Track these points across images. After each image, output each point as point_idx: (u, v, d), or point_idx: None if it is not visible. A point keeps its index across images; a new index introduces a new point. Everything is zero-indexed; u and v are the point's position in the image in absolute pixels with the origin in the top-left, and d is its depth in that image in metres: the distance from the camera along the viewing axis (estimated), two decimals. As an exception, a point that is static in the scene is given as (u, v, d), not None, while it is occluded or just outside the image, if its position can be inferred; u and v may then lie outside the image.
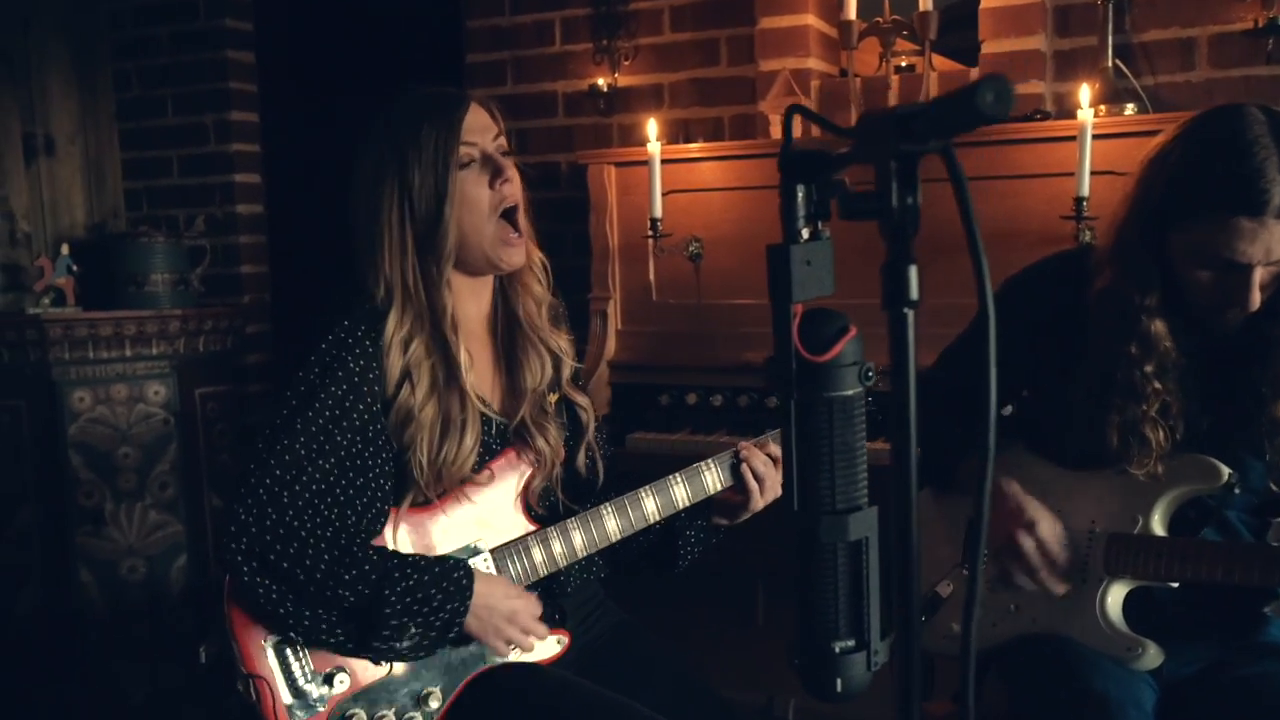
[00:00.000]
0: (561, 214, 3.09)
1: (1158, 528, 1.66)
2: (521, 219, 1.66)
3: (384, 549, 1.56)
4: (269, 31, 3.83)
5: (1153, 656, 1.65)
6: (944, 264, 2.42)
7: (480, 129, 1.63)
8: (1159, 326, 1.62)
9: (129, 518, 3.35)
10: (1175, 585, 1.67)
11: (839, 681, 1.00)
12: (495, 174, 1.61)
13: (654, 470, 1.75)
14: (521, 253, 1.66)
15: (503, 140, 1.67)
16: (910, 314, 0.83)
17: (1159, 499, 1.65)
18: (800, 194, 0.95)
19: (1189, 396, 1.64)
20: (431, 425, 1.59)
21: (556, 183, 3.24)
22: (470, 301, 1.69)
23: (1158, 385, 1.62)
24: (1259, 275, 1.54)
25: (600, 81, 3.16)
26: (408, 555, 1.55)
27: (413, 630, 1.51)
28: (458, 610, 1.52)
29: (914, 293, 0.82)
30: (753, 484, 1.72)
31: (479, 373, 1.68)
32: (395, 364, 1.57)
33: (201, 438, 3.48)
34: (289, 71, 3.83)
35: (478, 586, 1.55)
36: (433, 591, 1.51)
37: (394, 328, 1.58)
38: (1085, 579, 1.69)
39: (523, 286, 1.72)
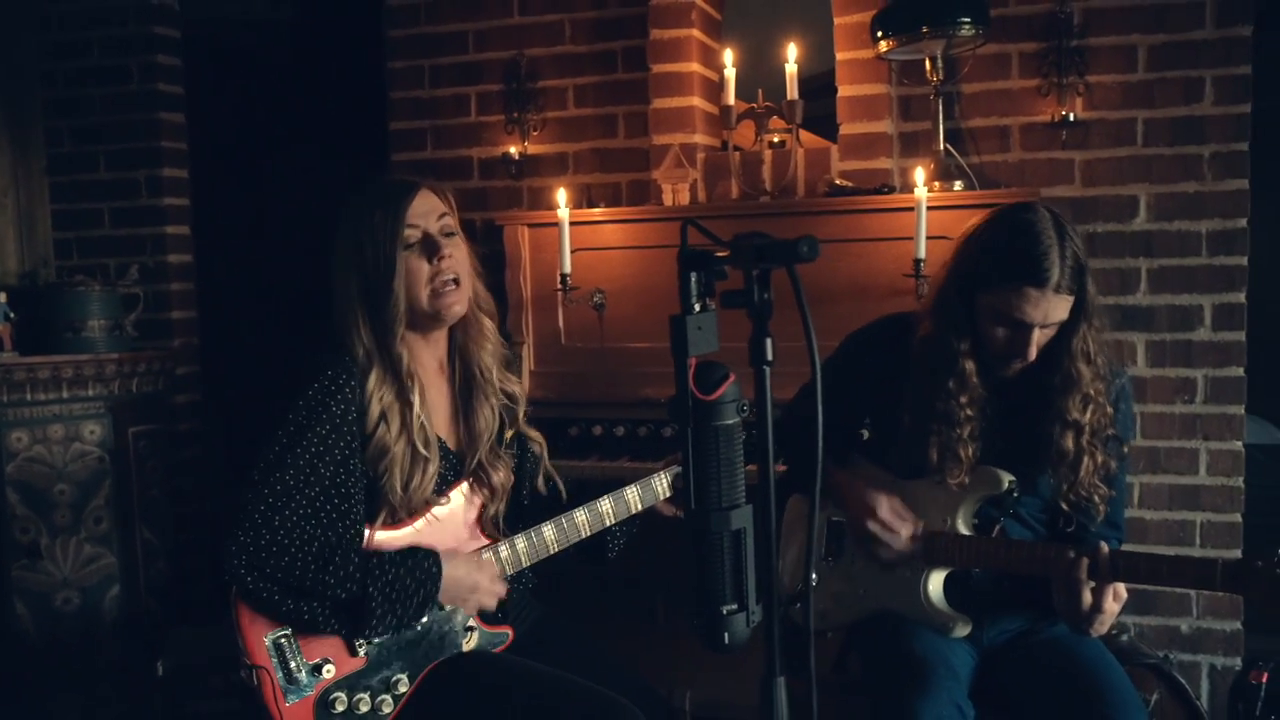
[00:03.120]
0: (483, 267, 3.45)
1: (962, 527, 2.08)
2: (465, 284, 1.96)
3: (365, 551, 1.86)
4: (199, 94, 4.09)
5: (961, 628, 2.07)
6: (810, 313, 2.89)
7: (425, 212, 1.92)
8: (970, 366, 2.05)
9: (64, 551, 3.48)
10: (978, 571, 2.11)
11: (726, 635, 1.34)
12: (433, 252, 1.90)
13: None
14: (461, 304, 1.95)
15: (448, 220, 1.95)
16: (768, 370, 1.24)
17: (961, 504, 2.08)
18: (693, 279, 1.34)
19: (989, 423, 2.08)
20: (402, 457, 1.89)
21: (473, 238, 3.58)
22: (426, 353, 2.00)
23: (969, 413, 2.05)
24: (1037, 335, 1.99)
25: (512, 149, 3.52)
26: (385, 553, 1.86)
27: (396, 611, 1.82)
28: (431, 593, 1.86)
29: (769, 356, 1.23)
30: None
31: (438, 414, 1.99)
32: (375, 408, 1.87)
33: (134, 474, 3.64)
34: (219, 132, 4.09)
35: (445, 570, 1.87)
36: (409, 582, 1.83)
37: (374, 380, 1.88)
38: (910, 567, 2.11)
39: (476, 344, 2.03)
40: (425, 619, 1.91)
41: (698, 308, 1.31)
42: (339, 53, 4.29)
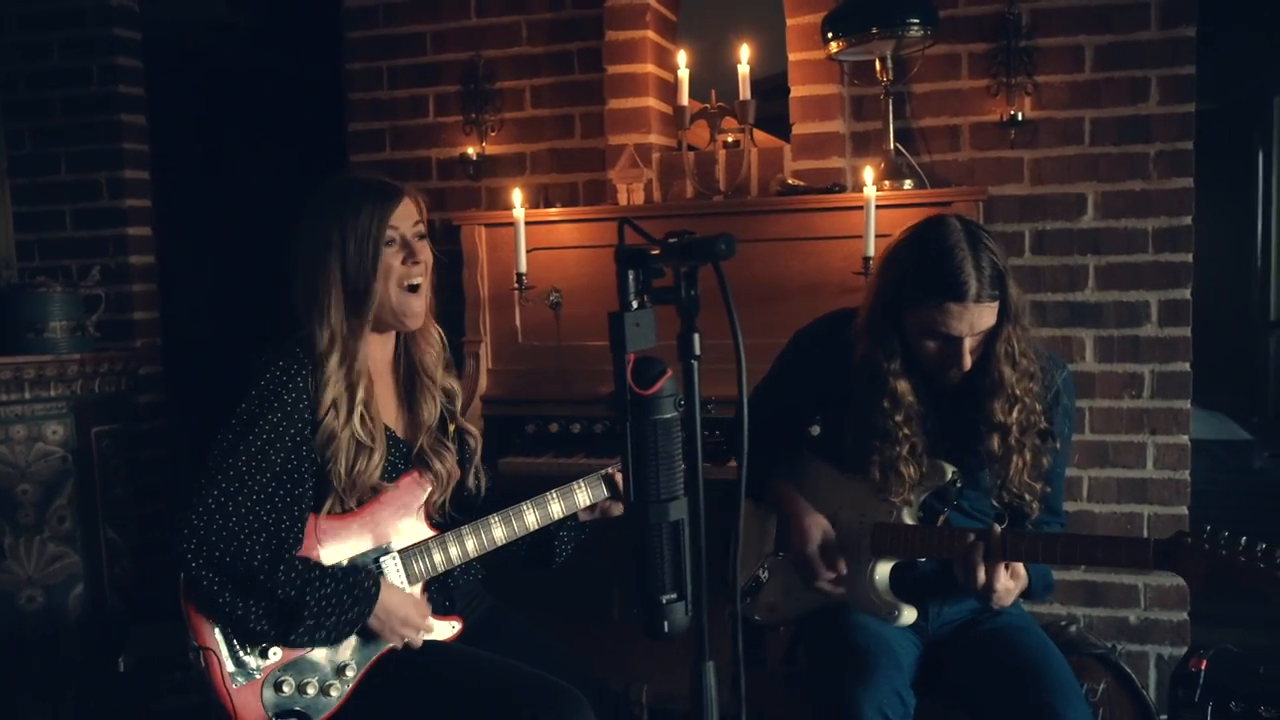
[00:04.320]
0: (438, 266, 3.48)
1: (907, 517, 2.12)
2: (425, 290, 2.04)
3: (308, 560, 1.89)
4: (160, 96, 4.10)
5: (907, 615, 2.11)
6: (763, 310, 2.94)
7: (404, 216, 2.01)
8: (903, 385, 2.09)
9: (28, 550, 3.48)
10: (923, 560, 2.16)
11: (665, 623, 1.38)
12: (408, 254, 2.00)
13: (523, 489, 2.14)
14: (420, 318, 2.04)
15: (421, 227, 2.05)
16: (695, 365, 1.27)
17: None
18: (631, 277, 1.37)
19: (929, 434, 2.12)
20: (348, 444, 1.95)
21: (432, 239, 3.60)
22: (378, 350, 2.07)
23: (906, 431, 2.09)
24: (968, 344, 2.04)
25: (470, 150, 3.55)
26: (328, 566, 1.90)
27: (326, 625, 1.86)
28: (363, 613, 1.89)
29: (697, 351, 1.26)
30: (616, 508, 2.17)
31: (385, 406, 2.06)
32: (328, 396, 1.93)
33: (97, 473, 3.64)
34: (180, 134, 4.10)
35: (381, 595, 1.91)
36: (345, 598, 1.87)
37: (331, 367, 1.94)
38: (858, 558, 2.15)
39: (422, 342, 2.11)
40: (357, 634, 1.94)
41: (635, 305, 1.35)
42: (298, 55, 4.31)
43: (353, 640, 1.95)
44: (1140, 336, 3.08)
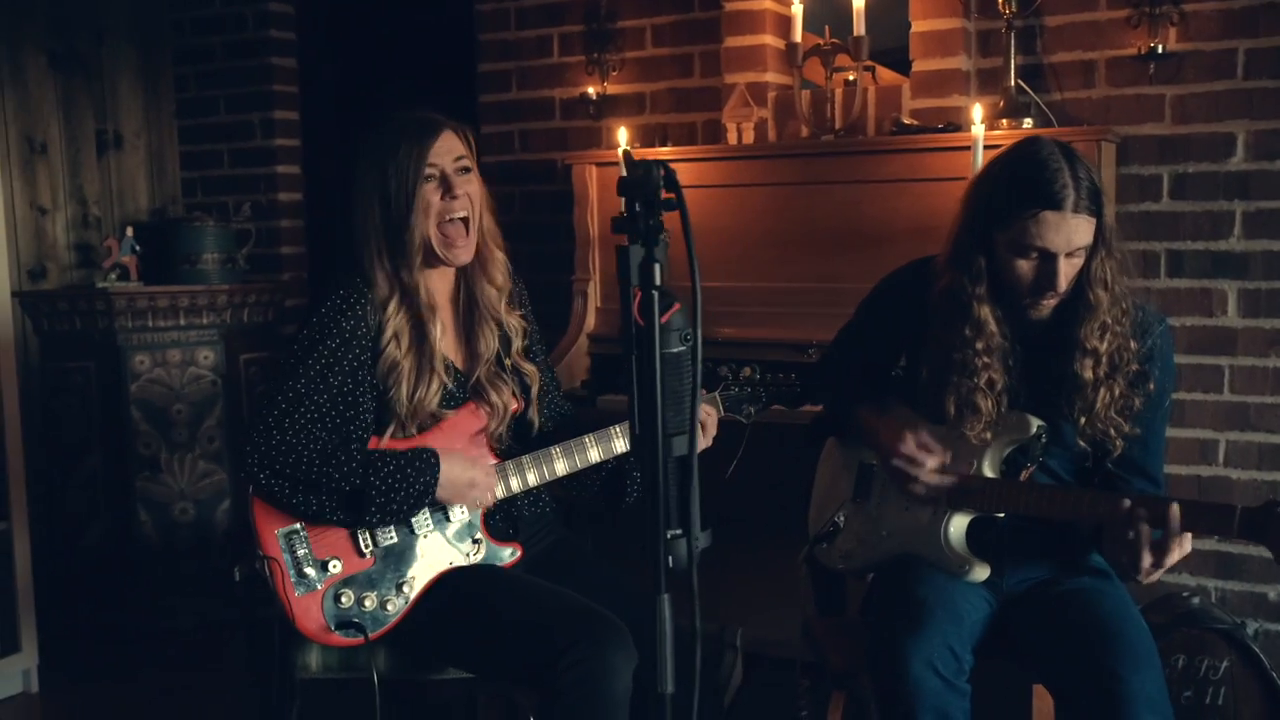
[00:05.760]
0: (557, 206, 3.52)
1: (988, 470, 2.02)
2: (479, 223, 2.05)
3: (368, 449, 1.97)
4: (310, 40, 4.28)
5: (979, 572, 2.01)
6: (874, 252, 2.85)
7: (445, 151, 2.01)
8: (986, 312, 1.98)
9: (180, 466, 3.78)
10: (1001, 515, 2.06)
11: (670, 559, 1.38)
12: (446, 190, 2.01)
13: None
14: (467, 252, 2.05)
15: (465, 161, 2.05)
16: (656, 295, 1.25)
17: (988, 449, 2.01)
18: (637, 208, 1.37)
19: (1010, 375, 2.01)
20: (409, 372, 2.01)
21: (553, 178, 3.66)
22: (438, 284, 2.10)
23: (986, 360, 1.98)
24: (1063, 264, 1.92)
25: (590, 90, 3.56)
26: (387, 450, 1.97)
27: (396, 499, 1.93)
28: (429, 483, 1.96)
29: (657, 280, 1.24)
30: None
31: (445, 337, 2.10)
32: (389, 330, 2.00)
33: (244, 397, 3.91)
34: (327, 75, 4.28)
35: (443, 464, 1.97)
36: (409, 471, 1.94)
37: (393, 307, 2.00)
38: (935, 509, 2.07)
39: (484, 276, 2.12)
40: (429, 524, 2.01)
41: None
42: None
43: (408, 561, 2.02)
44: (1291, 290, 2.82)
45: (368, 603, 1.99)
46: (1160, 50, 2.83)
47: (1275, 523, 1.73)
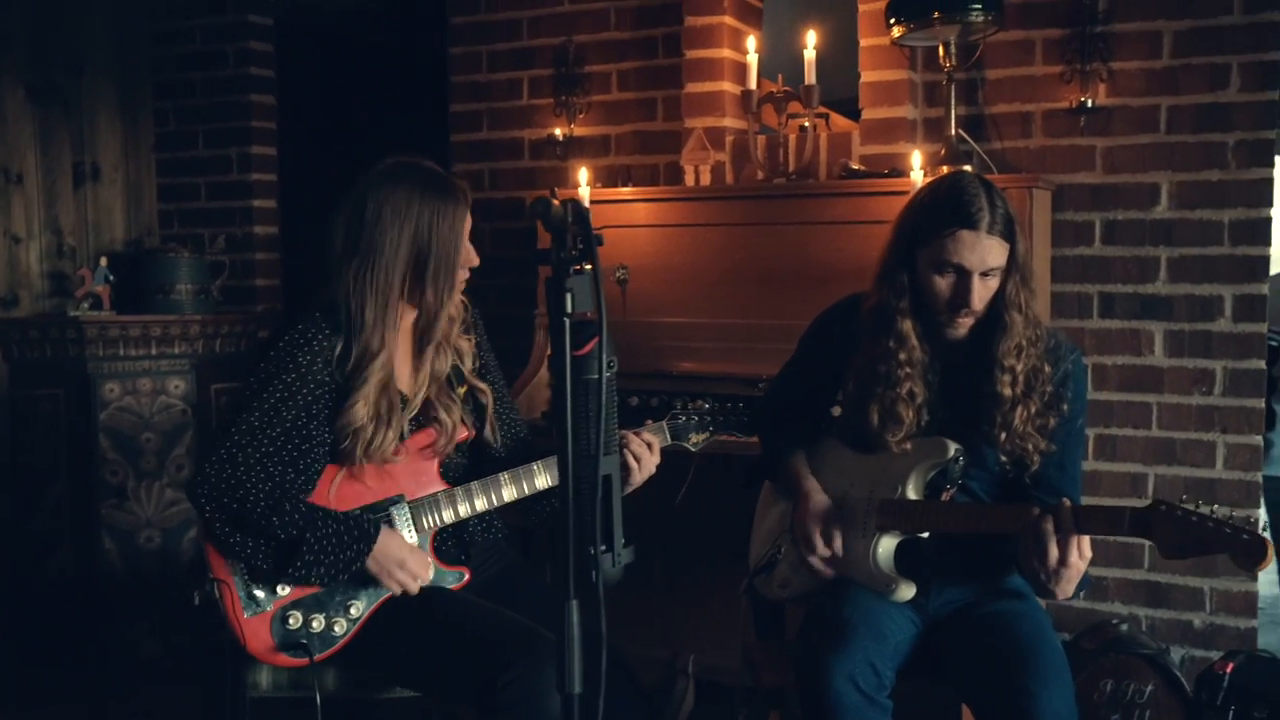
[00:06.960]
0: (525, 242, 3.66)
1: (912, 493, 2.14)
2: None
3: (313, 504, 2.03)
4: (290, 77, 4.39)
5: (904, 591, 2.11)
6: (820, 291, 2.98)
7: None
8: (909, 326, 2.12)
9: (148, 494, 3.79)
10: (925, 535, 2.17)
11: (594, 573, 1.48)
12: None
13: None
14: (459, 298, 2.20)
15: None
16: (567, 322, 1.36)
17: (911, 471, 2.13)
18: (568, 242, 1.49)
19: (932, 391, 2.14)
20: (368, 431, 2.06)
21: (521, 215, 3.78)
22: (408, 314, 2.17)
23: (908, 370, 2.11)
24: (978, 282, 2.05)
25: (558, 131, 3.69)
26: (331, 510, 2.03)
27: (325, 562, 1.98)
28: (361, 552, 2.01)
29: (568, 309, 1.36)
30: (631, 462, 2.17)
31: (400, 360, 2.16)
32: (366, 390, 2.04)
33: (214, 427, 3.89)
34: (304, 113, 4.38)
35: (381, 538, 2.03)
36: (345, 538, 2.00)
37: (375, 368, 2.05)
38: (864, 533, 2.18)
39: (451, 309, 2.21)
40: (354, 574, 2.06)
41: (574, 270, 1.45)
42: (412, 39, 4.54)
43: (357, 584, 2.07)
44: (1213, 331, 2.98)
45: (315, 624, 2.05)
46: (1090, 104, 3.00)
47: (1160, 520, 1.87)
